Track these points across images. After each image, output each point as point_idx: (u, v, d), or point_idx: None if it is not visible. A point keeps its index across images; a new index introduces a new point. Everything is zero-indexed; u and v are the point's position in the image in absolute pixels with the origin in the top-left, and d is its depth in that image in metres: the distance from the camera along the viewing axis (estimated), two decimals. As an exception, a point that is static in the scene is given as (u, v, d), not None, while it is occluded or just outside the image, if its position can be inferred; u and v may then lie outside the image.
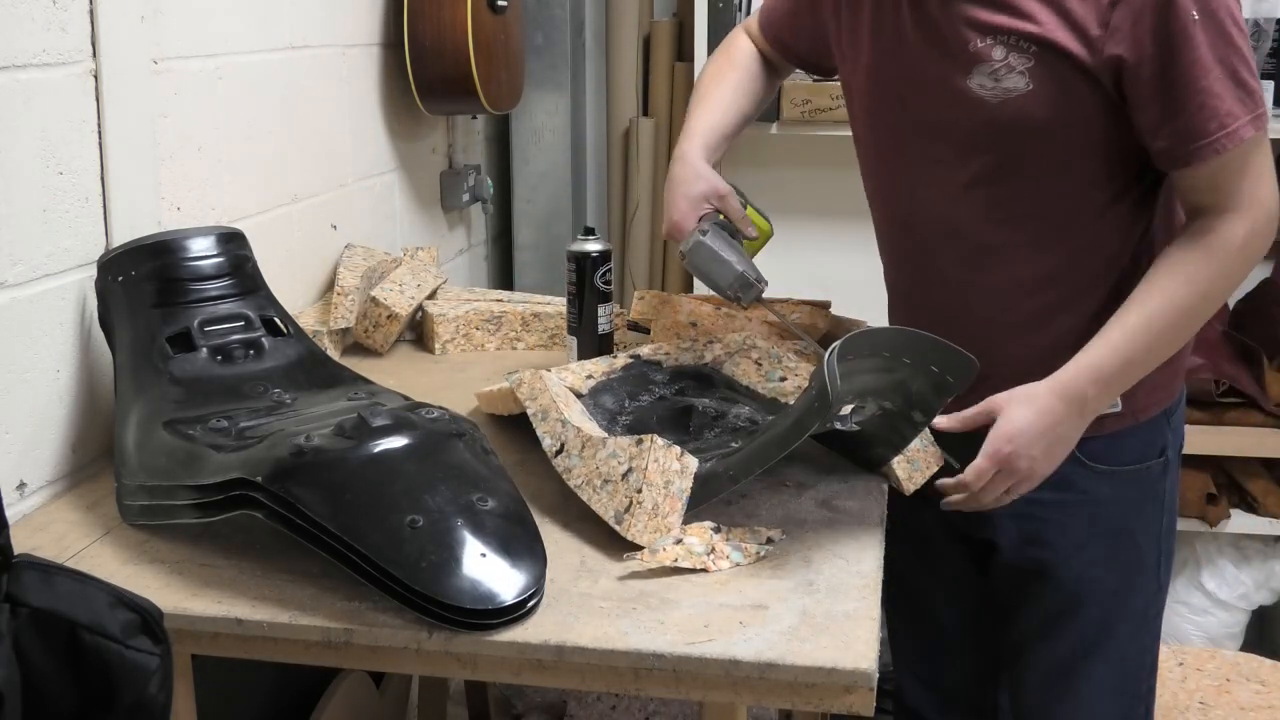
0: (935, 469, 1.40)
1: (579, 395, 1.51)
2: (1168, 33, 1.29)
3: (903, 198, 1.53)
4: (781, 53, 1.71)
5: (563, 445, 1.35)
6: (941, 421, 1.36)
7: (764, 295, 1.59)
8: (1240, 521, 2.67)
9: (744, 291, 1.56)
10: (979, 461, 1.34)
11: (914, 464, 1.40)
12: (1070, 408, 1.35)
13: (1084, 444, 1.44)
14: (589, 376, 1.55)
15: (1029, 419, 1.34)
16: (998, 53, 1.37)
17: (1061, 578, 1.53)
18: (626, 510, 1.24)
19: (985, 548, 1.59)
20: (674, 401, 1.51)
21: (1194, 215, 1.39)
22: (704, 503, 1.27)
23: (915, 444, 1.38)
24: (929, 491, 1.40)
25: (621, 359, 1.60)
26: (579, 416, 1.41)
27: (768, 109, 2.75)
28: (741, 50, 1.72)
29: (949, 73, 1.40)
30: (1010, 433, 1.34)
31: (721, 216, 1.59)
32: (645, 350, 1.62)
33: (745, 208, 1.63)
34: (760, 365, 1.57)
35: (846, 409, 1.35)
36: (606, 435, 1.34)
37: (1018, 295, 1.47)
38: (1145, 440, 1.51)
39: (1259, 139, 1.35)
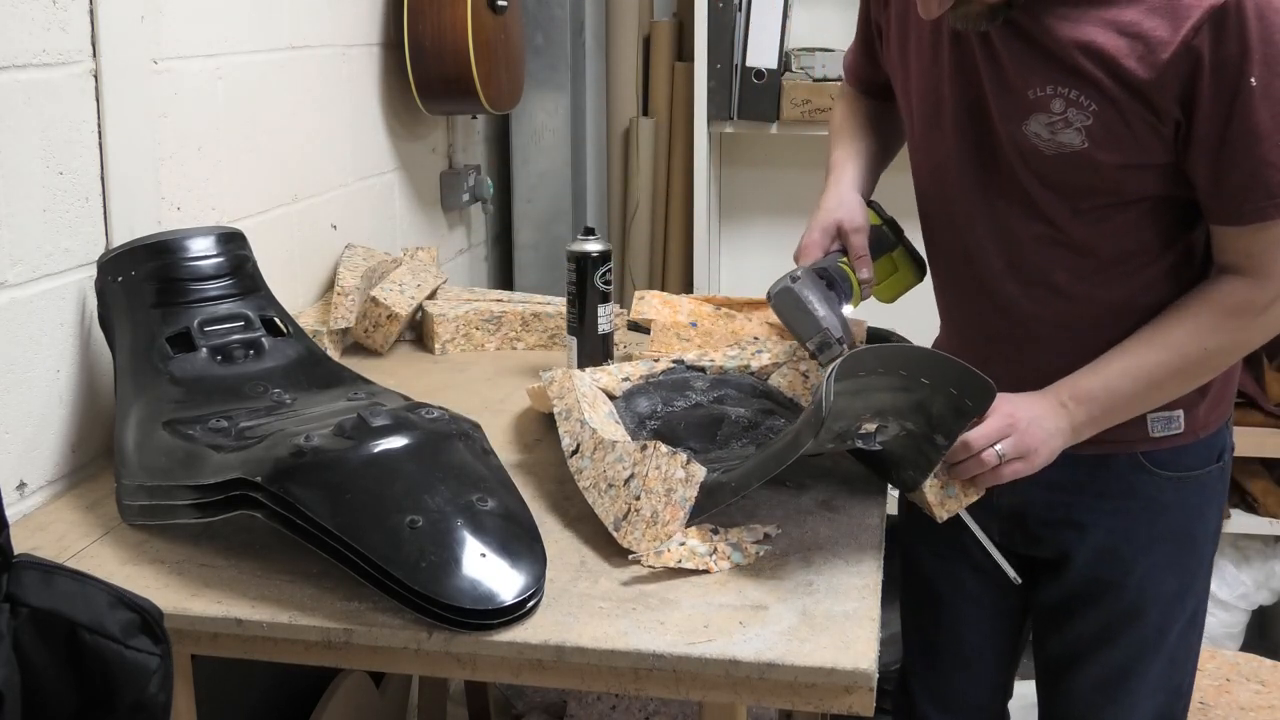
0: (972, 500, 1.35)
1: (612, 397, 1.49)
2: (1225, 97, 1.26)
3: (960, 227, 1.49)
4: (868, 90, 1.70)
5: (578, 446, 1.34)
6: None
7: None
8: (1240, 521, 2.67)
9: (821, 350, 1.40)
10: (988, 422, 1.31)
11: (948, 489, 1.33)
12: (1059, 415, 1.36)
13: (1148, 451, 1.45)
14: (625, 379, 1.53)
15: (1029, 401, 1.36)
16: (1056, 105, 1.33)
17: (1127, 585, 1.51)
18: (624, 517, 1.23)
19: (1051, 562, 1.56)
20: (709, 409, 1.48)
21: (1223, 270, 1.36)
22: (706, 513, 1.25)
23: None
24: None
25: (664, 362, 1.57)
26: (602, 418, 1.40)
27: (767, 109, 2.76)
28: (848, 97, 1.71)
29: (1006, 113, 1.37)
30: (1016, 403, 1.34)
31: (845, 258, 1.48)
32: (690, 355, 1.59)
33: (895, 248, 1.55)
34: (807, 378, 1.53)
35: (870, 427, 1.30)
36: (616, 439, 1.32)
37: (1071, 329, 1.44)
38: (1208, 444, 1.50)
39: None
